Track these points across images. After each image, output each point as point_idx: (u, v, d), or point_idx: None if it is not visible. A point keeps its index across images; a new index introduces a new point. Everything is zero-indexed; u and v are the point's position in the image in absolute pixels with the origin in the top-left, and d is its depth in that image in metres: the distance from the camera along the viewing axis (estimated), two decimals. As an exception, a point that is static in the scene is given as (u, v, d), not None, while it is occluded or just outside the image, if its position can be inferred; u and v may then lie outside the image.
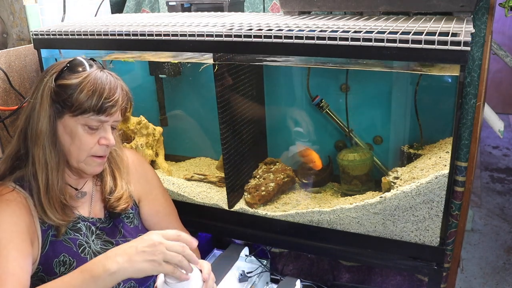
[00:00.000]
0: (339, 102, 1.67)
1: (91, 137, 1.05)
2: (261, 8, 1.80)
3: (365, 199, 1.40)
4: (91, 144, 1.06)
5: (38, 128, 1.02)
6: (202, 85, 1.84)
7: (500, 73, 4.54)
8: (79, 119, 1.03)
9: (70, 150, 1.05)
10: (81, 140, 1.04)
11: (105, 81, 1.04)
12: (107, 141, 1.07)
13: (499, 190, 3.22)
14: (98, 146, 1.07)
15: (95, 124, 1.04)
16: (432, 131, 1.54)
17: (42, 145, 1.03)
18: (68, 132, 1.04)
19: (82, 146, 1.05)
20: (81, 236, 1.10)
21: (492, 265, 2.38)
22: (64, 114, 1.03)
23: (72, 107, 1.01)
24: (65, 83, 1.02)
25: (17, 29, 1.76)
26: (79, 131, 1.04)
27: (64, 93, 1.02)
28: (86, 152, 1.06)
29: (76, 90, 1.01)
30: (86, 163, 1.08)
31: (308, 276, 1.87)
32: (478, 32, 1.35)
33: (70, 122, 1.03)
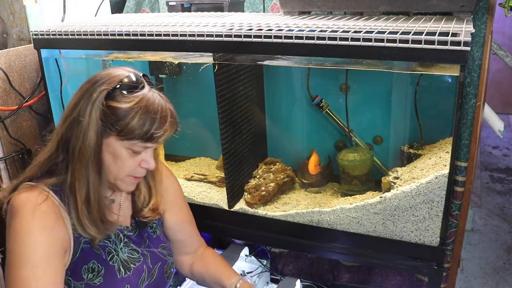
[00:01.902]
0: (339, 102, 1.67)
1: (133, 160, 1.04)
2: (261, 8, 1.80)
3: (365, 199, 1.40)
4: (132, 167, 1.05)
5: (83, 145, 0.99)
6: (202, 85, 1.84)
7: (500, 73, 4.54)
8: (124, 143, 1.01)
9: (110, 168, 1.04)
10: (123, 162, 1.03)
11: (156, 109, 1.00)
12: (148, 165, 1.06)
13: (499, 190, 3.22)
14: (138, 168, 1.06)
15: (139, 149, 1.03)
16: (432, 131, 1.54)
17: (85, 163, 1.00)
18: (111, 152, 1.02)
19: (123, 167, 1.04)
20: (110, 244, 1.10)
21: (492, 265, 2.38)
22: (110, 135, 1.00)
23: (120, 132, 0.99)
24: (116, 106, 0.98)
25: (17, 29, 1.76)
26: (122, 153, 1.02)
27: (114, 116, 0.98)
28: (125, 173, 1.05)
29: (127, 116, 0.98)
30: (123, 181, 1.07)
31: (308, 276, 1.87)
32: (478, 32, 1.35)
33: (114, 143, 1.01)
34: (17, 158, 1.69)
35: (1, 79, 1.61)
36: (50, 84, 1.70)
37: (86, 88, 1.02)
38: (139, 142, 1.00)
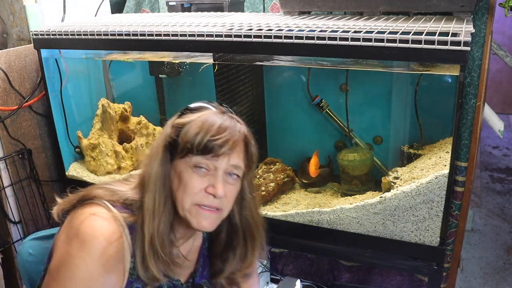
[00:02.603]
0: (339, 102, 1.67)
1: (198, 181, 0.92)
2: (261, 8, 1.80)
3: (365, 199, 1.40)
4: (196, 189, 0.92)
5: (152, 173, 0.93)
6: (202, 85, 1.84)
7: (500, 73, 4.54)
8: (187, 161, 0.91)
9: (177, 195, 0.93)
10: (186, 183, 0.92)
11: (217, 120, 0.93)
12: (214, 190, 0.91)
13: (499, 190, 3.21)
14: (204, 193, 0.92)
15: (204, 166, 0.91)
16: (432, 131, 1.54)
17: (153, 191, 0.92)
18: (177, 175, 0.93)
19: (186, 189, 0.92)
20: None
21: (492, 265, 2.38)
22: (175, 157, 0.93)
23: (179, 147, 0.92)
24: (178, 121, 0.95)
25: (17, 29, 1.76)
26: (187, 173, 0.92)
27: (176, 133, 0.93)
28: (190, 198, 0.92)
29: (185, 128, 0.92)
30: (191, 212, 0.93)
31: (308, 276, 1.87)
32: (478, 32, 1.35)
33: (179, 165, 0.93)
34: (17, 158, 1.69)
35: (1, 79, 1.61)
36: (50, 84, 1.70)
37: None
38: (198, 155, 0.90)
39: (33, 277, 1.16)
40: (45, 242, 1.18)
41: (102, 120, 1.77)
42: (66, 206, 0.94)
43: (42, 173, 1.81)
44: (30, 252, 1.16)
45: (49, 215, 1.82)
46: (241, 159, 0.95)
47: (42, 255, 1.17)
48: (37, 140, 1.79)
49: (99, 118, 1.78)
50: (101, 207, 0.91)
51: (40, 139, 1.80)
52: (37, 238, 1.19)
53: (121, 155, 1.76)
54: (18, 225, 1.72)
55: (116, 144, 1.79)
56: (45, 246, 1.18)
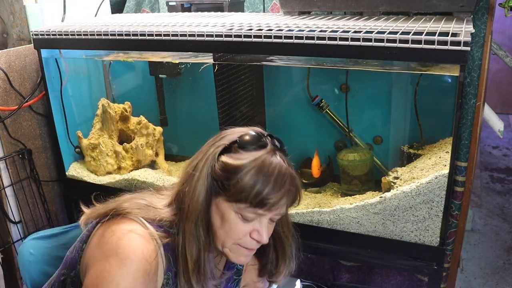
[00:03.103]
0: (339, 102, 1.67)
1: (243, 226, 0.91)
2: (261, 8, 1.80)
3: (365, 199, 1.40)
4: (241, 235, 0.91)
5: (193, 201, 0.90)
6: (202, 85, 1.84)
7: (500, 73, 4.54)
8: (233, 206, 0.89)
9: (218, 233, 0.92)
10: (230, 227, 0.90)
11: (272, 172, 0.88)
12: (259, 237, 0.91)
13: (499, 190, 3.21)
14: (248, 238, 0.92)
15: (250, 216, 0.90)
16: (432, 131, 1.54)
17: (195, 220, 0.90)
18: (220, 214, 0.91)
19: (231, 233, 0.91)
20: None
21: (492, 265, 2.38)
22: (220, 194, 0.90)
23: (229, 192, 0.88)
24: (227, 162, 0.89)
25: (17, 29, 1.77)
26: (231, 217, 0.90)
27: (224, 173, 0.89)
28: (232, 240, 0.92)
29: (237, 174, 0.87)
30: (231, 250, 0.94)
31: (308, 276, 1.87)
32: (478, 32, 1.35)
33: (223, 205, 0.90)
34: (17, 158, 1.69)
35: (1, 79, 1.61)
36: (50, 84, 1.70)
37: (208, 143, 0.96)
38: (249, 207, 0.88)
39: (34, 277, 1.16)
40: (45, 241, 1.19)
41: (102, 120, 1.78)
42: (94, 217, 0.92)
43: (42, 173, 1.81)
44: (30, 252, 1.17)
45: (49, 215, 1.82)
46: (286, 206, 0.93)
47: (43, 255, 1.17)
48: (37, 140, 1.79)
49: (99, 118, 1.78)
50: (137, 223, 0.89)
51: (40, 139, 1.81)
52: (37, 237, 1.19)
53: (121, 155, 1.76)
54: (18, 225, 1.72)
55: (116, 144, 1.79)
56: (46, 245, 1.18)
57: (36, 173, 1.75)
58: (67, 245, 1.03)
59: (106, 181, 1.74)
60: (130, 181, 1.70)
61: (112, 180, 1.73)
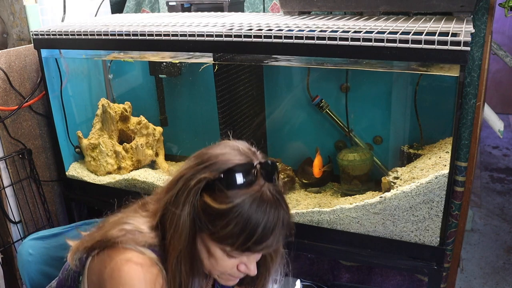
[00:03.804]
0: (339, 102, 1.67)
1: (229, 262, 0.86)
2: (261, 8, 1.80)
3: (365, 199, 1.40)
4: (228, 269, 0.87)
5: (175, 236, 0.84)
6: (202, 85, 1.84)
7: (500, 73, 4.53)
8: (218, 245, 0.84)
9: (204, 263, 0.88)
10: (217, 262, 0.86)
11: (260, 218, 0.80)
12: (247, 271, 0.88)
13: (499, 190, 3.21)
14: (236, 270, 0.88)
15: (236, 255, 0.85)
16: (432, 131, 1.54)
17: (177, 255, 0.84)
18: (206, 248, 0.85)
19: (217, 267, 0.87)
20: None
21: (492, 265, 2.38)
22: (204, 232, 0.84)
23: (213, 234, 0.82)
24: (211, 205, 0.81)
25: (17, 29, 1.76)
26: (217, 253, 0.85)
27: (207, 215, 0.82)
28: (220, 272, 0.89)
29: (222, 221, 0.80)
30: (220, 277, 0.91)
31: (308, 276, 1.87)
32: (478, 32, 1.35)
33: (209, 242, 0.84)
34: (17, 158, 1.69)
35: (1, 79, 1.61)
36: (50, 84, 1.70)
37: (191, 166, 0.86)
38: (236, 249, 0.82)
39: (33, 277, 1.16)
40: (45, 242, 1.19)
41: (102, 120, 1.78)
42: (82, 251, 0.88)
43: (42, 173, 1.81)
44: (30, 252, 1.16)
45: (49, 215, 1.82)
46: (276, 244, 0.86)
47: (42, 255, 1.17)
48: (37, 140, 1.79)
49: (99, 118, 1.78)
50: (133, 251, 0.84)
51: (40, 139, 1.80)
52: (37, 238, 1.19)
53: (121, 155, 1.76)
54: (18, 225, 1.72)
55: (116, 144, 1.79)
56: (45, 246, 1.18)
57: (36, 173, 1.75)
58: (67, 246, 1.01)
59: (106, 181, 1.74)
60: (130, 181, 1.70)
61: (112, 180, 1.73)
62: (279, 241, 0.86)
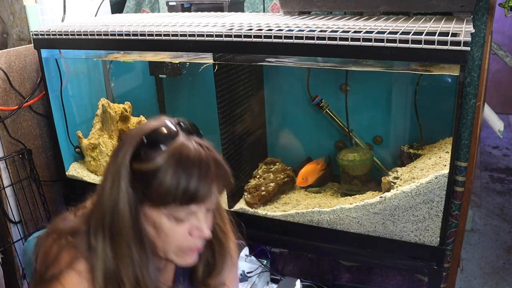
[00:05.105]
0: (339, 102, 1.67)
1: (179, 229, 0.83)
2: (261, 8, 1.80)
3: (365, 199, 1.40)
4: (180, 237, 0.83)
5: (119, 221, 0.81)
6: (202, 85, 1.84)
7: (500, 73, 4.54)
8: (162, 210, 0.81)
9: (155, 243, 0.85)
10: (167, 234, 0.83)
11: (192, 162, 0.79)
12: (201, 234, 0.83)
13: (499, 190, 3.21)
14: (190, 238, 0.84)
15: (183, 215, 0.82)
16: (432, 131, 1.54)
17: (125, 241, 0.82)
18: (152, 224, 0.83)
19: (169, 240, 0.83)
20: None
21: (492, 265, 2.38)
22: (145, 203, 0.82)
23: (153, 199, 0.80)
24: (141, 169, 0.79)
25: (17, 29, 1.76)
26: (163, 223, 0.82)
27: (142, 180, 0.80)
28: (173, 247, 0.85)
29: (156, 179, 0.78)
30: (176, 255, 0.86)
31: (308, 276, 1.87)
32: (478, 32, 1.35)
33: (152, 213, 0.82)
34: (17, 158, 1.69)
35: (1, 79, 1.61)
36: (50, 84, 1.70)
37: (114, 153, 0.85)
38: (179, 206, 0.80)
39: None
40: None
41: (102, 120, 1.78)
42: None
43: (42, 173, 1.81)
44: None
45: (49, 215, 1.82)
46: (217, 192, 0.84)
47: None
48: (37, 140, 1.79)
49: (99, 118, 1.78)
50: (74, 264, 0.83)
51: (40, 139, 1.80)
52: None
53: (121, 155, 1.76)
54: (18, 225, 1.72)
55: (116, 144, 1.79)
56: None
57: (36, 173, 1.75)
58: None
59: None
60: (130, 181, 1.69)
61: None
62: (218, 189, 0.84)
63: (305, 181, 1.56)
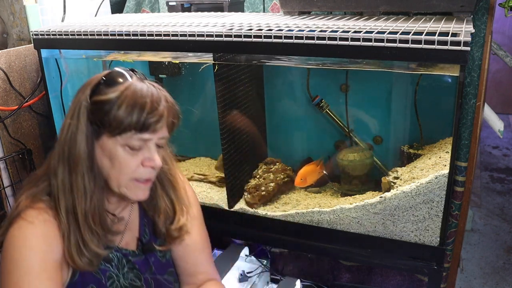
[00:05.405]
0: (339, 102, 1.67)
1: (133, 159, 0.92)
2: (261, 8, 1.80)
3: (365, 199, 1.40)
4: (133, 167, 0.92)
5: (75, 153, 0.90)
6: (202, 85, 1.84)
7: (500, 73, 4.54)
8: (118, 139, 0.90)
9: (110, 174, 0.93)
10: (121, 163, 0.91)
11: (146, 93, 0.90)
12: (152, 163, 0.93)
13: (499, 190, 3.21)
14: (142, 168, 0.93)
15: (137, 143, 0.91)
16: (432, 131, 1.54)
17: (80, 172, 0.90)
18: (107, 155, 0.91)
19: (123, 169, 0.92)
20: (112, 268, 0.99)
21: (492, 265, 2.38)
22: (102, 134, 0.90)
23: (110, 126, 0.89)
24: (101, 99, 0.89)
25: (17, 29, 1.76)
26: (119, 152, 0.90)
27: (101, 111, 0.89)
28: (127, 176, 0.93)
29: (113, 106, 0.88)
30: (129, 188, 0.94)
31: (308, 276, 1.87)
32: (478, 32, 1.35)
33: (108, 143, 0.90)
34: (17, 158, 1.69)
35: (1, 79, 1.61)
36: (50, 84, 1.70)
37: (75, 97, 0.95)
38: (134, 133, 0.89)
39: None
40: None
41: (102, 120, 1.77)
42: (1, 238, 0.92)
43: (42, 173, 1.81)
44: None
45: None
46: (167, 128, 0.96)
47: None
48: (37, 140, 1.79)
49: (99, 118, 1.78)
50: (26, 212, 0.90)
51: (40, 139, 1.80)
52: None
53: (121, 155, 1.76)
54: (18, 225, 1.72)
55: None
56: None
57: (36, 173, 1.75)
58: None
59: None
60: (130, 181, 1.69)
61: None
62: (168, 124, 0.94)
63: (303, 181, 1.57)
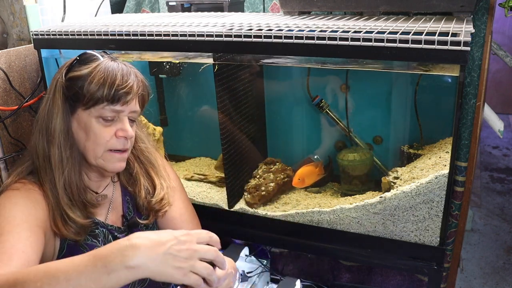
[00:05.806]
0: (339, 102, 1.67)
1: (106, 130, 1.00)
2: (261, 8, 1.80)
3: (365, 199, 1.40)
4: (107, 137, 1.00)
5: (52, 127, 0.99)
6: (202, 85, 1.84)
7: (500, 73, 4.54)
8: (92, 112, 0.98)
9: (86, 146, 1.01)
10: (96, 134, 0.99)
11: (116, 69, 1.00)
12: (125, 133, 1.01)
13: (499, 190, 3.22)
14: (115, 139, 1.01)
15: (109, 114, 0.99)
16: (432, 131, 1.54)
17: (57, 145, 0.99)
18: (83, 128, 1.00)
19: (98, 140, 1.00)
20: (99, 243, 1.05)
21: (492, 265, 2.38)
22: (77, 108, 0.99)
23: (84, 99, 0.97)
24: (75, 75, 0.99)
25: (17, 29, 1.77)
26: (93, 124, 0.99)
27: (75, 85, 0.98)
28: (102, 146, 1.00)
29: (87, 80, 0.97)
30: (105, 159, 1.02)
31: (308, 276, 1.87)
32: (478, 32, 1.35)
33: (83, 116, 0.99)
34: (17, 158, 1.69)
35: (1, 79, 1.61)
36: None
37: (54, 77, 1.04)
38: (106, 105, 0.98)
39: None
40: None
41: (102, 120, 1.77)
42: None
43: (42, 173, 1.81)
44: None
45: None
46: (138, 103, 1.04)
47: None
48: (37, 140, 1.79)
49: (99, 118, 1.78)
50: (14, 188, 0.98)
51: (40, 139, 1.80)
52: None
53: (121, 155, 1.76)
54: (18, 225, 1.72)
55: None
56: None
57: (36, 173, 1.75)
58: None
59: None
60: (130, 181, 1.69)
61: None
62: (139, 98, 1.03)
63: (301, 182, 1.57)
